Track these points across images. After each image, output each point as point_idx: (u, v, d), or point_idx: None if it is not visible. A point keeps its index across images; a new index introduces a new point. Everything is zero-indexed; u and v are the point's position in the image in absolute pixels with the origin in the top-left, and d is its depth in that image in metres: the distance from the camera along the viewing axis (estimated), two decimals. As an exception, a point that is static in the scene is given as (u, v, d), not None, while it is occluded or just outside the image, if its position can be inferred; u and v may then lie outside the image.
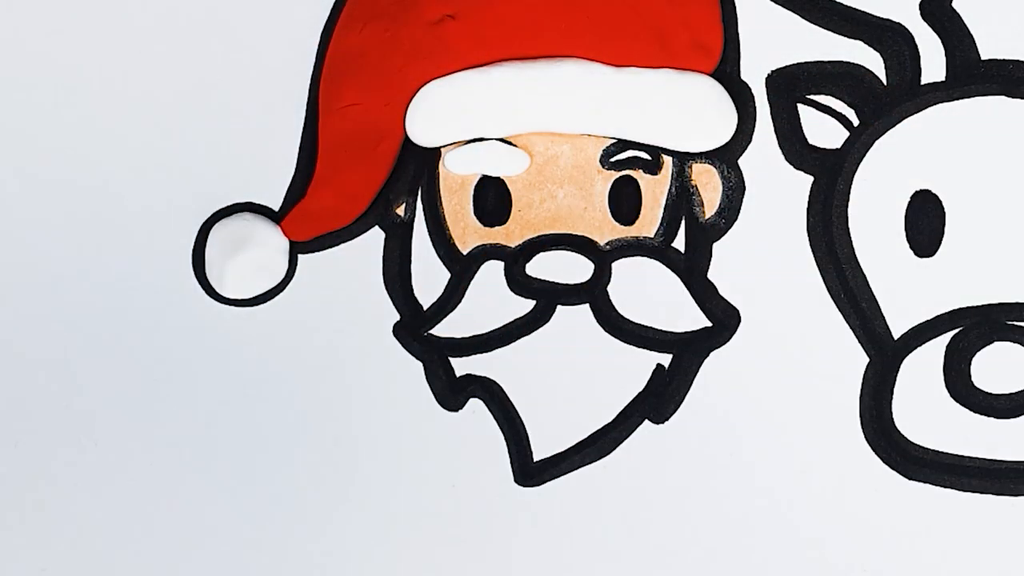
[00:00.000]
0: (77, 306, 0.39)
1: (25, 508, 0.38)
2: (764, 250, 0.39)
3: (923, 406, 0.38)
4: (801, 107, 0.39)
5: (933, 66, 0.39)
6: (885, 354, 0.38)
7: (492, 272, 0.39)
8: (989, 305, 0.38)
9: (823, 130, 0.39)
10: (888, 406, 0.38)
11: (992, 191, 0.39)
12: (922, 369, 0.38)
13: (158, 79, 0.39)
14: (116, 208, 0.39)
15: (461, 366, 0.39)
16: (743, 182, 0.39)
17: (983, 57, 0.39)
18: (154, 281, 0.39)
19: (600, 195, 0.39)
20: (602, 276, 0.39)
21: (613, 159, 0.39)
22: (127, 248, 0.39)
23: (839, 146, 0.39)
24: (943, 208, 0.39)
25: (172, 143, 0.39)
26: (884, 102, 0.39)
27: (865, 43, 0.39)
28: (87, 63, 0.39)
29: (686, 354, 0.39)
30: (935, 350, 0.38)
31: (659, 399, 0.39)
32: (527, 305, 0.39)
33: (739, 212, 0.39)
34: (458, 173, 0.39)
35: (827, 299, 0.39)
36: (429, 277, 0.39)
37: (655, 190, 0.39)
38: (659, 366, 0.39)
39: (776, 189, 0.39)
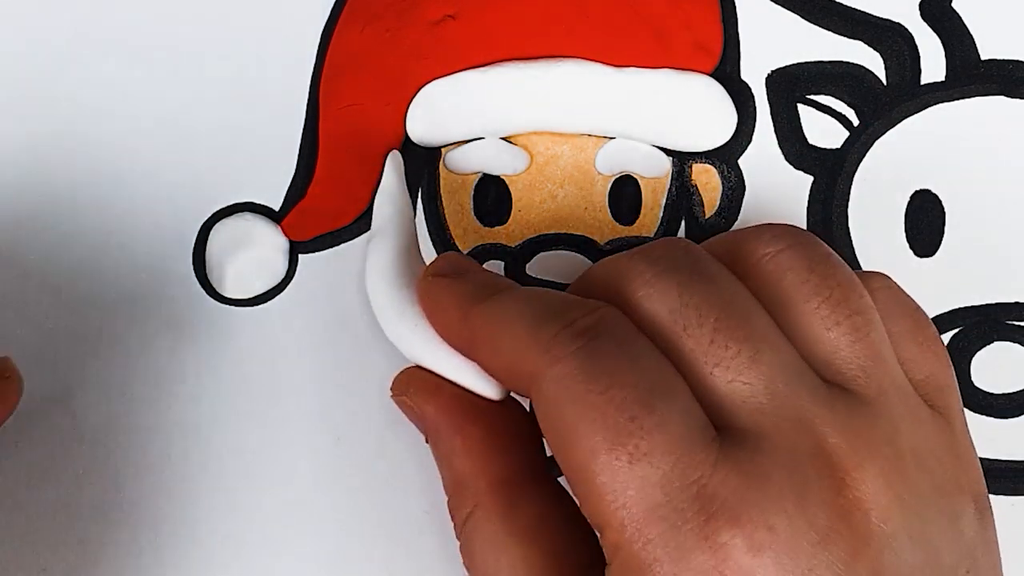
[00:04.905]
0: (77, 306, 0.39)
1: (25, 508, 0.38)
2: (764, 250, 0.39)
3: (923, 406, 0.38)
4: (801, 107, 0.39)
5: (933, 66, 0.39)
6: (885, 354, 0.38)
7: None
8: (988, 305, 0.38)
9: (823, 130, 0.39)
10: (888, 406, 0.38)
11: (992, 191, 0.39)
12: (922, 369, 0.38)
13: (157, 79, 0.39)
14: (115, 208, 0.39)
15: (461, 366, 0.39)
16: (743, 182, 0.39)
17: (983, 57, 0.39)
18: (154, 281, 0.39)
19: (600, 195, 0.39)
20: (602, 276, 0.39)
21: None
22: (127, 248, 0.39)
23: (839, 146, 0.39)
24: (943, 208, 0.39)
25: (172, 143, 0.39)
26: (884, 102, 0.39)
27: (865, 43, 0.39)
28: (84, 63, 0.39)
29: (686, 354, 0.39)
30: (935, 350, 0.38)
31: (659, 399, 0.39)
32: (527, 305, 0.39)
33: (739, 212, 0.39)
34: (458, 173, 0.39)
35: (827, 299, 0.38)
36: (429, 277, 0.39)
37: (655, 190, 0.39)
38: (659, 366, 0.39)
39: (776, 189, 0.39)
